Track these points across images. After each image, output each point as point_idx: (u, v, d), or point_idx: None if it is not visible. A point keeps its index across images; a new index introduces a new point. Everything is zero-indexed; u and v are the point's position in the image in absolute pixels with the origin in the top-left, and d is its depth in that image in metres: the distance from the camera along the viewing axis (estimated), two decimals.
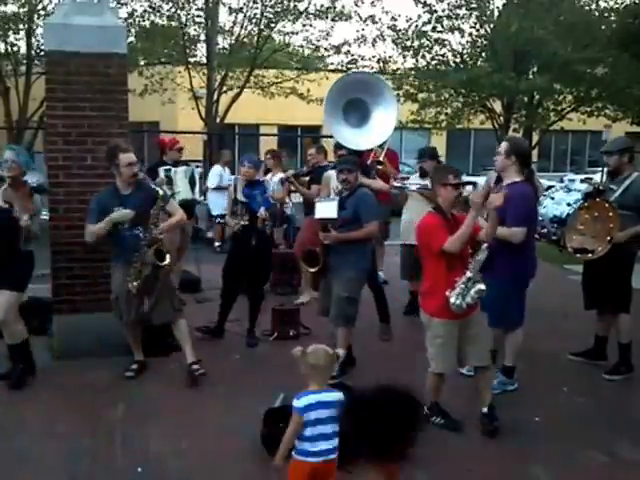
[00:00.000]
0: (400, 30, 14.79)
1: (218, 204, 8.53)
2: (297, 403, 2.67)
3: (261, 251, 5.19)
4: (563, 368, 4.80)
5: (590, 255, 4.34)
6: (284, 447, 2.71)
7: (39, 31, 13.25)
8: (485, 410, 3.70)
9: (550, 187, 5.83)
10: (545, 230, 4.47)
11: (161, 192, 4.41)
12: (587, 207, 4.30)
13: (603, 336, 4.79)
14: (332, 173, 5.07)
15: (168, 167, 6.36)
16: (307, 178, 6.57)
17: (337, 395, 2.74)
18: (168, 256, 4.32)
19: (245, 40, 16.39)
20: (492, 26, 14.88)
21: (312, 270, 4.59)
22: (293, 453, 2.70)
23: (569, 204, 4.37)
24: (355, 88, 5.32)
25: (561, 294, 6.83)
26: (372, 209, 4.47)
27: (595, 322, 4.82)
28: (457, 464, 3.40)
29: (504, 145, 4.12)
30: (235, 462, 3.36)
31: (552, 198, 4.57)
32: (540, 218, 4.50)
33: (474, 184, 5.04)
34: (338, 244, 4.37)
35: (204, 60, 16.90)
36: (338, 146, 5.70)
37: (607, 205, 4.29)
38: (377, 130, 5.38)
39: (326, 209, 4.41)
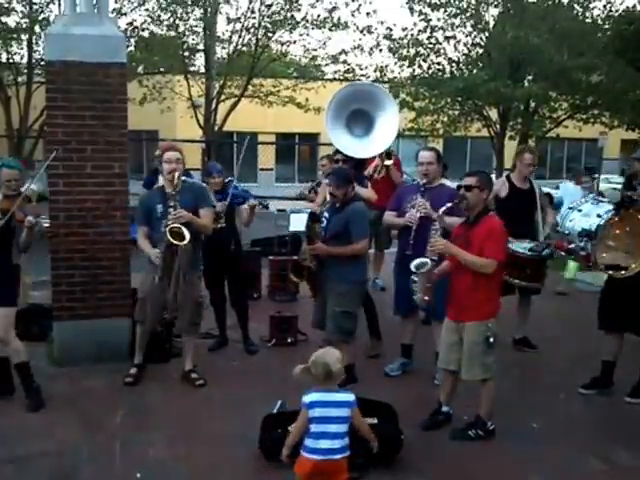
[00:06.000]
0: (396, 39, 14.92)
1: None
2: (304, 398, 2.75)
3: (237, 256, 5.21)
4: (560, 374, 4.83)
5: (623, 272, 3.99)
6: (289, 439, 2.81)
7: (40, 41, 13.34)
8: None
9: (547, 194, 5.72)
10: (573, 245, 4.19)
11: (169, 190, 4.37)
12: (619, 219, 4.01)
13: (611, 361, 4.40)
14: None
15: None
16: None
17: (347, 396, 2.78)
18: (187, 235, 4.21)
19: (243, 49, 16.51)
20: (487, 34, 15.01)
21: (297, 281, 4.62)
22: (300, 449, 2.77)
23: (599, 215, 4.06)
24: (358, 98, 5.34)
25: (555, 300, 6.86)
26: (363, 226, 4.30)
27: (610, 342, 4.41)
28: (456, 471, 3.42)
29: (432, 154, 4.45)
30: (234, 468, 3.39)
31: (579, 210, 4.25)
32: (566, 232, 4.26)
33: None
34: (328, 257, 4.30)
35: (203, 69, 17.02)
36: (336, 152, 5.71)
37: None
38: (379, 140, 5.40)
39: (299, 221, 4.42)
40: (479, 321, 3.58)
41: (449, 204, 3.82)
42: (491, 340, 3.55)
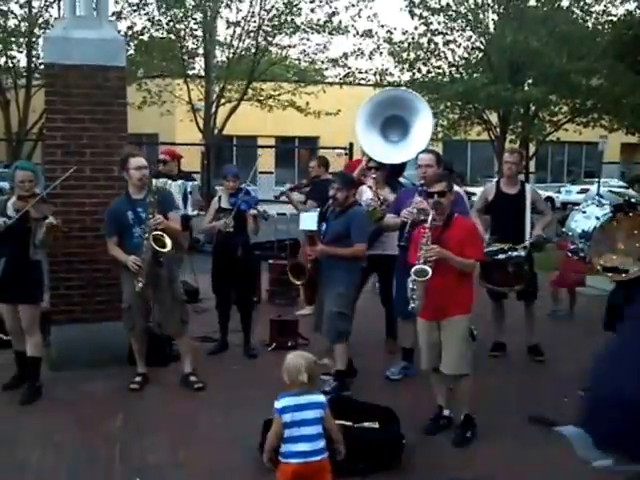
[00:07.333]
0: (396, 43, 14.95)
1: None
2: (276, 404, 2.75)
3: (246, 260, 5.21)
4: (562, 376, 4.80)
5: (624, 275, 4.02)
6: (267, 445, 2.80)
7: (39, 44, 13.37)
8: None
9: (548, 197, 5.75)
10: (574, 246, 4.26)
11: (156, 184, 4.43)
12: (619, 221, 4.05)
13: None
14: (363, 188, 5.00)
15: (164, 179, 6.38)
16: (308, 188, 6.56)
17: (319, 397, 2.78)
18: (169, 242, 4.23)
19: (243, 53, 16.54)
20: (487, 38, 15.05)
21: (297, 282, 4.64)
22: (279, 456, 2.74)
23: (598, 218, 4.13)
24: (392, 105, 5.34)
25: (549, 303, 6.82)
26: (363, 230, 4.40)
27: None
28: (452, 471, 3.40)
29: (431, 157, 4.36)
30: (234, 473, 3.36)
31: (584, 212, 4.31)
32: (570, 233, 4.33)
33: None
34: (328, 259, 4.34)
35: (202, 73, 17.05)
36: (370, 160, 5.45)
37: None
38: (415, 144, 5.38)
39: (308, 220, 4.49)
40: (464, 315, 3.66)
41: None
42: (475, 333, 3.66)
